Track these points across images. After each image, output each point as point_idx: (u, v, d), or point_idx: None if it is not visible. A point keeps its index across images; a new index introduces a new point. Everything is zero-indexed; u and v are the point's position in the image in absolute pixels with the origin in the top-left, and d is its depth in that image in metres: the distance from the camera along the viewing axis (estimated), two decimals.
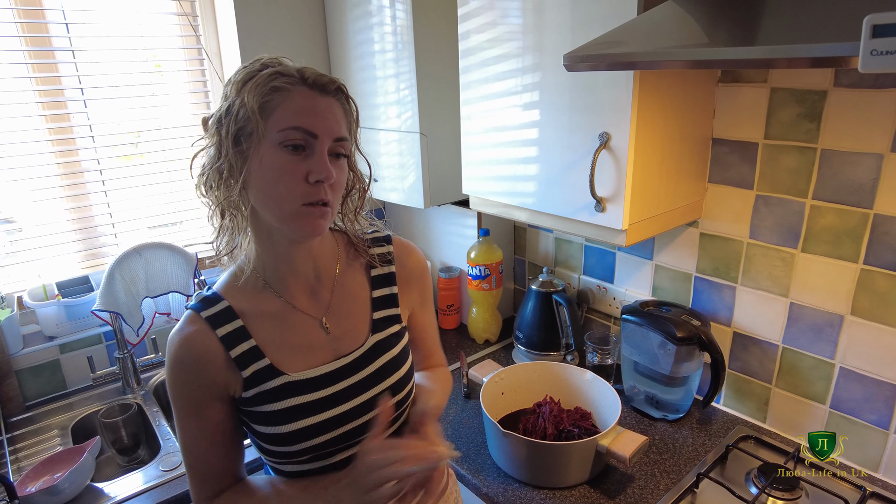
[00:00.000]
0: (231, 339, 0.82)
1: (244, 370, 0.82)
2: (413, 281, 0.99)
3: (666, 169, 1.19)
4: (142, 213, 1.79)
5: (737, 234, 1.30)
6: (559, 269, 1.73)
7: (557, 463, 1.16)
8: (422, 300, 1.02)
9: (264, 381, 0.83)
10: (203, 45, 1.79)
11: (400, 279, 0.97)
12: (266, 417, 0.83)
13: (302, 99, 0.77)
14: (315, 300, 0.89)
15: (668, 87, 1.13)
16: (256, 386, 0.83)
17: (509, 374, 1.36)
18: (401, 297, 0.96)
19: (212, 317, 0.83)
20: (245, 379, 0.82)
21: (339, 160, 0.81)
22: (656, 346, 1.32)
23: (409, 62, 1.54)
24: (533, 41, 1.19)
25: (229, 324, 0.83)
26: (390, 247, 0.98)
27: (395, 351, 0.92)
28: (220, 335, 0.82)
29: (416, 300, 1.00)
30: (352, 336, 0.90)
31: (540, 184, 1.27)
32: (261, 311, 0.85)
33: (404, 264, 0.98)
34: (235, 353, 0.82)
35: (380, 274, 0.95)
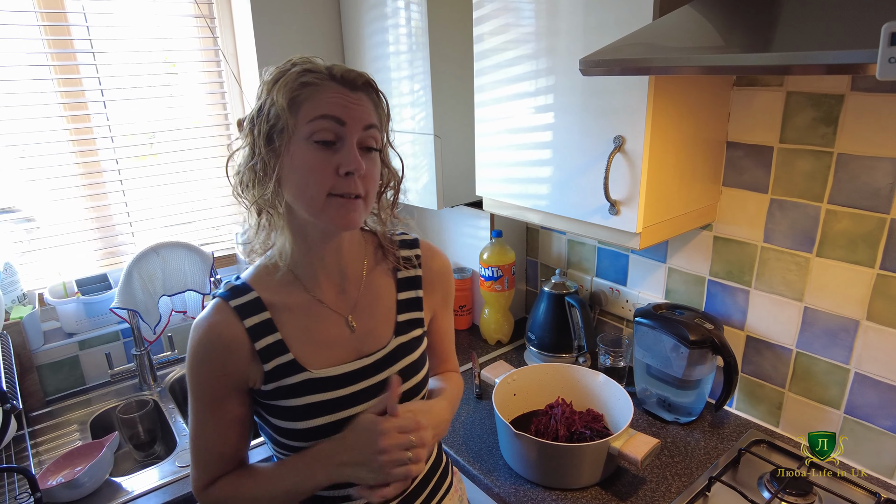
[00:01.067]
0: (257, 331, 0.83)
1: (266, 363, 0.83)
2: (437, 284, 0.99)
3: (680, 172, 1.19)
4: (158, 213, 1.82)
5: (751, 237, 1.30)
6: (572, 271, 1.73)
7: (569, 464, 1.16)
8: (443, 304, 1.02)
9: (285, 376, 0.83)
10: (220, 47, 1.81)
11: (425, 282, 0.97)
12: (284, 412, 0.84)
13: (330, 92, 0.78)
14: (343, 298, 0.90)
15: (683, 91, 1.13)
16: (277, 380, 0.83)
17: (521, 376, 1.36)
18: (424, 301, 0.97)
19: (240, 306, 0.83)
20: (266, 372, 0.83)
21: (371, 154, 0.82)
22: (669, 349, 1.32)
23: (423, 64, 1.55)
24: (548, 45, 1.20)
25: (257, 315, 0.83)
26: (418, 250, 0.98)
27: (416, 355, 0.93)
28: (247, 326, 0.82)
29: (437, 303, 1.01)
30: (375, 336, 0.90)
31: (553, 186, 1.27)
32: (288, 305, 0.86)
33: (430, 267, 0.98)
34: (260, 346, 0.83)
35: (406, 277, 0.96)
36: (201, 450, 0.87)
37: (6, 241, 1.60)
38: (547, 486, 1.19)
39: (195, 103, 1.83)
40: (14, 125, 1.55)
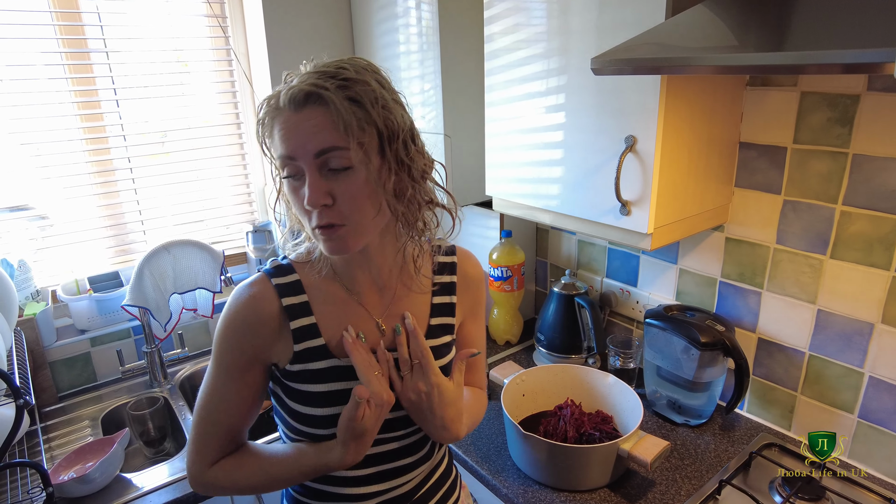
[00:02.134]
0: (293, 311, 0.84)
1: (297, 343, 0.84)
2: (469, 289, 0.97)
3: (692, 173, 1.18)
4: (169, 211, 1.83)
5: (763, 239, 1.29)
6: (582, 272, 1.72)
7: (578, 466, 1.15)
8: (472, 311, 1.00)
9: (313, 360, 0.84)
10: (232, 46, 1.82)
11: (459, 288, 0.96)
12: (304, 397, 0.84)
13: (282, 123, 0.74)
14: (378, 299, 0.89)
15: (696, 91, 1.12)
16: (304, 362, 0.84)
17: (530, 376, 1.36)
18: (457, 307, 0.96)
19: (281, 285, 0.85)
20: (296, 352, 0.84)
21: (341, 174, 0.74)
22: (680, 350, 1.31)
23: (434, 63, 1.55)
24: (559, 44, 1.19)
25: (295, 296, 0.85)
26: (454, 257, 0.97)
27: (444, 361, 0.92)
28: (285, 304, 0.84)
29: (468, 309, 0.98)
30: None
31: (564, 186, 1.27)
32: (325, 294, 0.87)
33: (464, 273, 0.97)
34: (295, 326, 0.84)
35: (442, 282, 0.95)
36: (209, 424, 0.86)
37: (20, 239, 1.62)
38: (555, 488, 1.18)
39: (207, 102, 1.84)
40: (28, 123, 1.56)
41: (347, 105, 0.72)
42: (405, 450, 0.91)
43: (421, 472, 0.94)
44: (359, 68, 0.76)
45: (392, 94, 0.78)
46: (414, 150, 0.79)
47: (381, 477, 0.90)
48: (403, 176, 0.78)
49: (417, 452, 0.93)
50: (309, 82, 0.73)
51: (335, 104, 0.71)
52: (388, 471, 0.90)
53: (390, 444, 0.89)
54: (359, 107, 0.73)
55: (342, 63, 0.76)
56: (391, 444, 0.89)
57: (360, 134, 0.72)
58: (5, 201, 1.58)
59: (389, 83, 0.80)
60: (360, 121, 0.72)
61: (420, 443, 0.93)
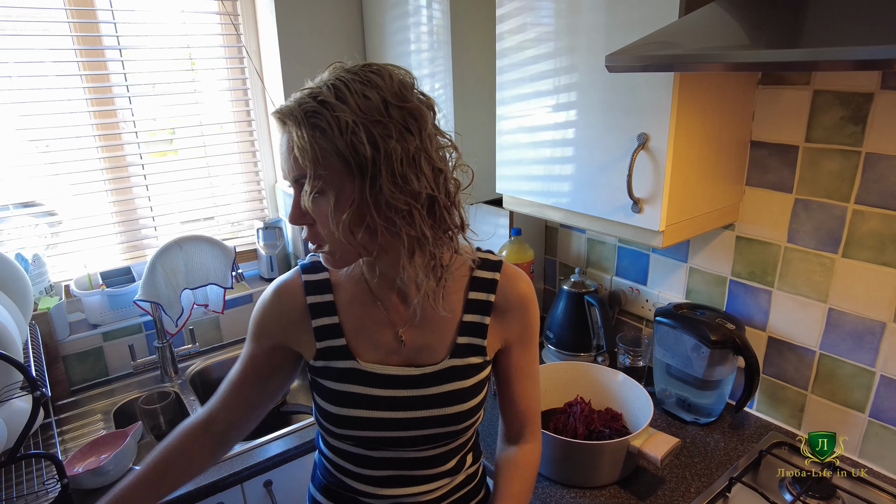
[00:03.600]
0: (317, 310, 0.87)
1: (319, 342, 0.87)
2: (513, 314, 0.90)
3: (704, 171, 1.19)
4: (180, 208, 1.84)
5: (774, 238, 1.29)
6: (591, 270, 1.72)
7: (588, 462, 1.16)
8: (521, 338, 0.93)
9: (334, 359, 0.86)
10: (244, 44, 1.83)
11: (497, 309, 0.90)
12: (325, 393, 0.87)
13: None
14: (402, 309, 0.88)
15: (708, 89, 1.12)
16: (326, 360, 0.87)
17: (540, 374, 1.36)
18: (492, 329, 0.90)
19: (309, 283, 0.88)
20: (318, 350, 0.87)
21: (315, 197, 0.74)
22: (690, 348, 1.31)
23: (445, 62, 1.55)
24: (571, 43, 1.19)
25: (321, 295, 0.87)
26: (497, 274, 0.90)
27: (469, 382, 0.88)
28: (309, 303, 0.87)
29: (513, 336, 0.92)
30: (429, 352, 0.88)
31: (575, 184, 1.27)
32: (352, 295, 0.88)
33: (507, 295, 0.90)
34: (317, 324, 0.87)
35: (477, 299, 0.89)
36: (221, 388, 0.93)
37: (35, 234, 1.64)
38: (565, 484, 1.18)
39: (219, 100, 1.85)
40: (40, 120, 1.58)
41: (309, 134, 0.71)
42: (425, 461, 0.90)
43: (443, 485, 0.93)
44: (344, 89, 0.72)
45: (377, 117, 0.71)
46: (410, 173, 0.73)
47: (396, 482, 0.90)
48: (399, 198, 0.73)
49: (440, 466, 0.92)
50: (287, 106, 0.73)
51: (294, 134, 0.72)
52: (404, 477, 0.90)
53: (407, 451, 0.89)
54: (322, 135, 0.70)
55: (333, 80, 0.73)
56: (409, 453, 0.89)
57: (323, 163, 0.71)
58: (17, 198, 1.60)
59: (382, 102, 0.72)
60: (323, 150, 0.71)
61: (444, 456, 0.91)
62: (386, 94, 0.73)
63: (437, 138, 0.78)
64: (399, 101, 0.73)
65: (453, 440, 0.91)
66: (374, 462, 0.90)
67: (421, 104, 0.76)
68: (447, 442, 0.90)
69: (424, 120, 0.75)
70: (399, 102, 0.73)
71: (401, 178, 0.72)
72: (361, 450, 0.89)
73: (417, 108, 0.74)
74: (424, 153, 0.74)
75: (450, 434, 0.88)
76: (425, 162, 0.74)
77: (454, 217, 0.80)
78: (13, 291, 1.38)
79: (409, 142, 0.73)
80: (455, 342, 0.88)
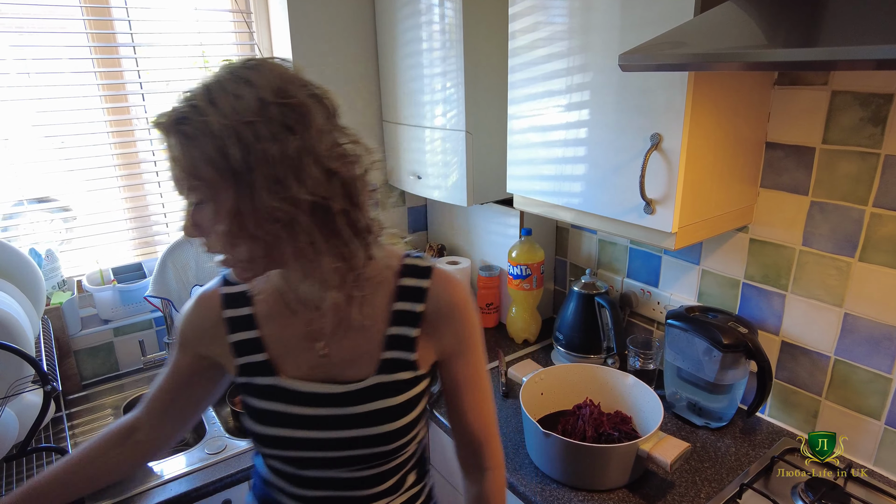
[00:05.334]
0: (235, 324, 0.82)
1: (238, 358, 0.82)
2: (445, 325, 0.83)
3: (718, 172, 1.17)
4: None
5: (789, 240, 1.27)
6: (602, 272, 1.71)
7: (597, 465, 1.15)
8: (459, 347, 0.85)
9: (256, 375, 0.82)
10: (256, 42, 1.84)
11: (427, 319, 0.82)
12: (249, 410, 0.83)
13: None
14: (318, 320, 0.80)
15: (723, 89, 1.11)
16: (248, 376, 0.82)
17: (549, 375, 1.35)
18: (422, 342, 0.82)
19: (227, 295, 0.83)
20: (239, 366, 0.82)
21: (198, 206, 0.71)
22: (701, 352, 1.30)
23: (457, 61, 1.55)
24: (584, 42, 1.18)
25: (238, 308, 0.83)
26: (427, 282, 0.82)
27: (399, 399, 0.81)
28: (226, 316, 0.83)
29: (449, 349, 0.84)
30: (355, 368, 0.81)
31: (587, 184, 1.26)
32: (271, 307, 0.82)
33: (438, 304, 0.82)
34: (234, 339, 0.82)
35: (402, 310, 0.81)
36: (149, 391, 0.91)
37: (50, 229, 1.65)
38: (573, 487, 1.17)
39: None
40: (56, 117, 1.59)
41: (179, 142, 0.66)
42: (360, 481, 0.84)
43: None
44: (217, 89, 0.66)
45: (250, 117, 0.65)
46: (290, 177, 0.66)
47: (331, 503, 0.85)
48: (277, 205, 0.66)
49: (376, 486, 0.85)
50: (162, 112, 0.69)
51: (167, 143, 0.68)
52: (339, 498, 0.85)
53: (340, 472, 0.83)
54: (191, 142, 0.66)
55: (210, 80, 0.68)
56: (342, 473, 0.83)
57: (196, 172, 0.66)
58: (32, 193, 1.61)
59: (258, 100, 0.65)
60: (193, 158, 0.66)
61: (381, 476, 0.85)
62: (262, 90, 0.66)
63: (332, 135, 0.71)
64: (278, 98, 0.66)
65: (388, 460, 0.84)
66: (308, 482, 0.85)
67: (309, 98, 0.68)
68: (381, 462, 0.83)
69: (310, 116, 0.67)
70: (278, 99, 0.66)
71: (278, 184, 0.66)
72: (293, 469, 0.84)
73: (301, 103, 0.67)
74: (310, 154, 0.67)
75: (381, 454, 0.82)
76: (313, 163, 0.67)
77: (359, 223, 0.73)
78: (26, 286, 1.39)
79: (288, 142, 0.65)
80: (381, 357, 0.81)
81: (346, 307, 0.77)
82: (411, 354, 0.82)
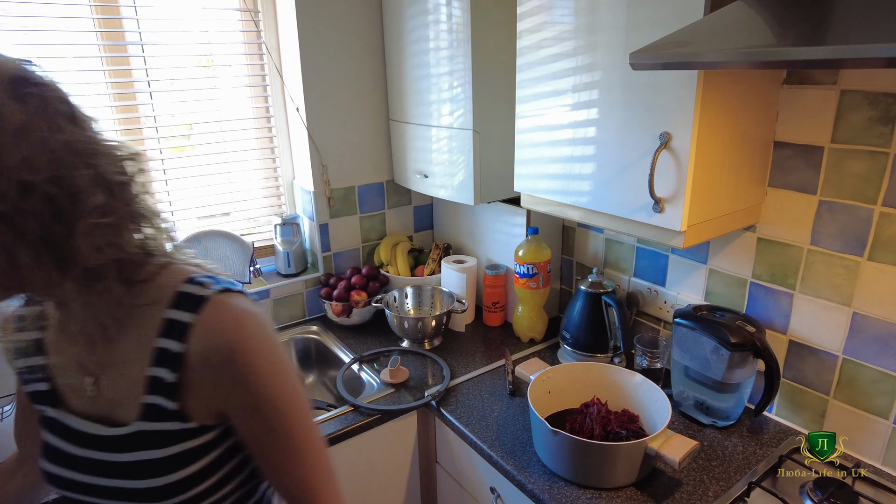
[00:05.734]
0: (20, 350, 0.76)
1: (26, 385, 0.77)
2: (213, 369, 0.67)
3: (726, 171, 1.17)
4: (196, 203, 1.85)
5: (797, 240, 1.27)
6: (608, 271, 1.71)
7: (606, 463, 1.15)
8: (244, 402, 0.69)
9: (42, 404, 0.76)
10: (264, 40, 1.84)
11: (190, 365, 0.68)
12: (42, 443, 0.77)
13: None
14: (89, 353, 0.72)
15: (732, 89, 1.11)
16: (38, 404, 0.76)
17: (557, 374, 1.35)
18: (187, 390, 0.69)
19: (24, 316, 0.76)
20: (28, 394, 0.77)
21: None
22: (709, 351, 1.30)
23: (464, 60, 1.55)
24: (592, 41, 1.19)
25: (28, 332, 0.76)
26: (192, 316, 0.67)
27: (161, 453, 0.69)
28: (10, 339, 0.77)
29: (225, 398, 0.69)
30: (120, 409, 0.71)
31: (595, 183, 1.26)
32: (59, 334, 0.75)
33: (204, 346, 0.67)
34: (20, 365, 0.77)
35: (163, 349, 0.68)
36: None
37: None
38: (581, 485, 1.18)
39: (238, 96, 1.86)
40: None
41: None
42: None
43: None
44: None
45: None
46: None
47: None
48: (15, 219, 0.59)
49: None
50: None
51: None
52: None
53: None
54: None
55: None
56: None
57: None
58: None
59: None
60: None
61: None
62: None
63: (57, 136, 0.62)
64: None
65: None
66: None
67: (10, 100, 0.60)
68: None
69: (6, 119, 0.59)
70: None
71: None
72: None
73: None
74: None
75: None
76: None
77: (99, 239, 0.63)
78: None
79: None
80: (142, 401, 0.69)
81: (101, 338, 0.69)
82: (171, 403, 0.68)
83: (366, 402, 1.47)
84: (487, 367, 1.64)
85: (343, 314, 1.84)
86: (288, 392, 0.71)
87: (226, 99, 1.84)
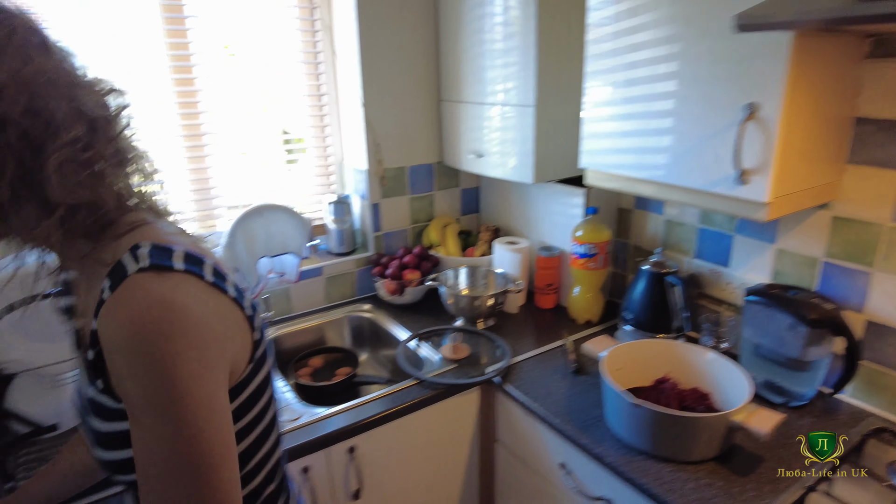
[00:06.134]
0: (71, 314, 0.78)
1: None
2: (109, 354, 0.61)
3: (810, 145, 1.15)
4: (246, 179, 1.85)
5: (877, 217, 1.25)
6: (668, 252, 1.69)
7: (687, 436, 1.13)
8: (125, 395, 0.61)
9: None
10: (318, 17, 1.84)
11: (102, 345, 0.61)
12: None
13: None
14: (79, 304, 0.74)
15: (819, 61, 1.09)
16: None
17: (628, 350, 1.34)
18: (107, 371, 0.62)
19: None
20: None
21: None
22: (784, 328, 1.28)
23: (525, 37, 1.54)
24: (675, 11, 1.17)
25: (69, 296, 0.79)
26: (109, 292, 0.61)
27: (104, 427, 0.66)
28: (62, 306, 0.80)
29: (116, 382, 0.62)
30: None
31: (672, 156, 1.25)
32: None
33: (102, 328, 0.61)
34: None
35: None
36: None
37: None
38: (661, 458, 1.16)
39: (291, 73, 1.86)
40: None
41: None
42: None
43: None
44: None
45: None
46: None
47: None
48: None
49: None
50: None
51: None
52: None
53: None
54: None
55: None
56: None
57: None
58: None
59: None
60: None
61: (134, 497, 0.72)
62: None
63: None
64: None
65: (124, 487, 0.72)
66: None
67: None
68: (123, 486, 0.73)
69: None
70: None
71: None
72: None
73: None
74: None
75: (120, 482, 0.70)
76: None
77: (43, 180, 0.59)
78: None
79: None
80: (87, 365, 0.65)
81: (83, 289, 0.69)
82: (98, 380, 0.64)
83: (430, 376, 1.46)
84: (545, 347, 1.62)
85: (396, 293, 1.83)
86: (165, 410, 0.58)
87: (279, 76, 1.83)
